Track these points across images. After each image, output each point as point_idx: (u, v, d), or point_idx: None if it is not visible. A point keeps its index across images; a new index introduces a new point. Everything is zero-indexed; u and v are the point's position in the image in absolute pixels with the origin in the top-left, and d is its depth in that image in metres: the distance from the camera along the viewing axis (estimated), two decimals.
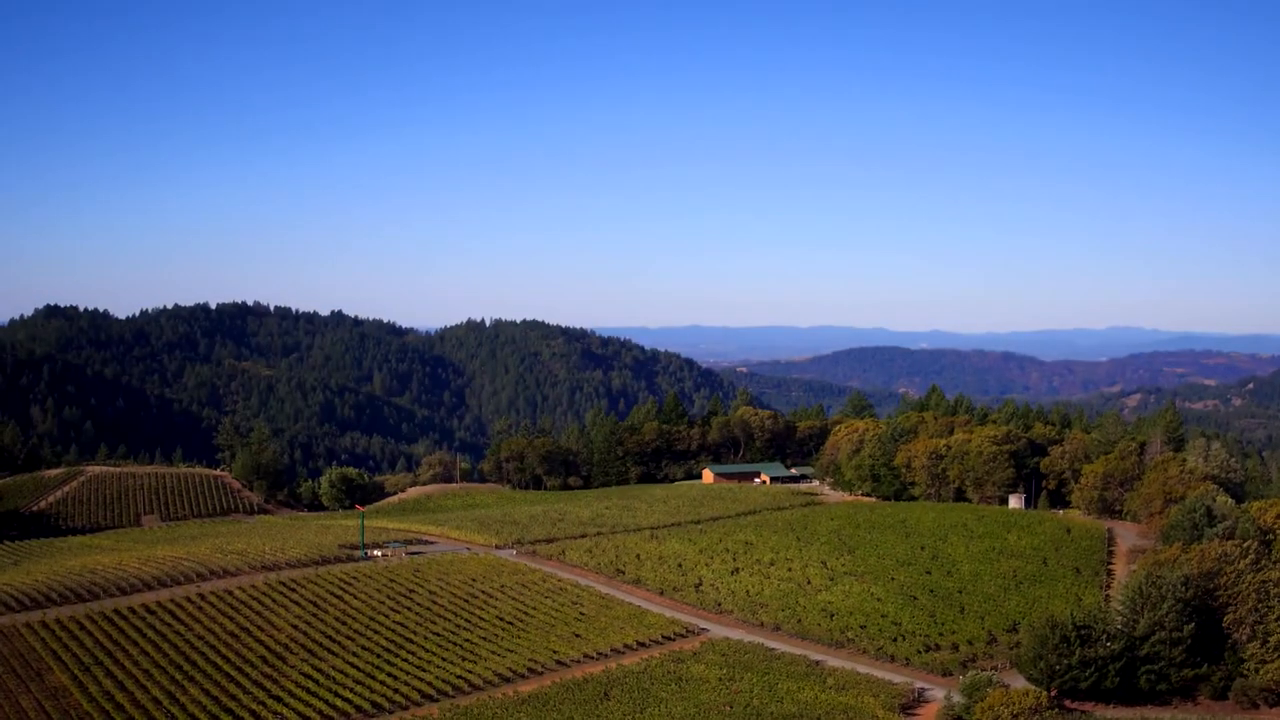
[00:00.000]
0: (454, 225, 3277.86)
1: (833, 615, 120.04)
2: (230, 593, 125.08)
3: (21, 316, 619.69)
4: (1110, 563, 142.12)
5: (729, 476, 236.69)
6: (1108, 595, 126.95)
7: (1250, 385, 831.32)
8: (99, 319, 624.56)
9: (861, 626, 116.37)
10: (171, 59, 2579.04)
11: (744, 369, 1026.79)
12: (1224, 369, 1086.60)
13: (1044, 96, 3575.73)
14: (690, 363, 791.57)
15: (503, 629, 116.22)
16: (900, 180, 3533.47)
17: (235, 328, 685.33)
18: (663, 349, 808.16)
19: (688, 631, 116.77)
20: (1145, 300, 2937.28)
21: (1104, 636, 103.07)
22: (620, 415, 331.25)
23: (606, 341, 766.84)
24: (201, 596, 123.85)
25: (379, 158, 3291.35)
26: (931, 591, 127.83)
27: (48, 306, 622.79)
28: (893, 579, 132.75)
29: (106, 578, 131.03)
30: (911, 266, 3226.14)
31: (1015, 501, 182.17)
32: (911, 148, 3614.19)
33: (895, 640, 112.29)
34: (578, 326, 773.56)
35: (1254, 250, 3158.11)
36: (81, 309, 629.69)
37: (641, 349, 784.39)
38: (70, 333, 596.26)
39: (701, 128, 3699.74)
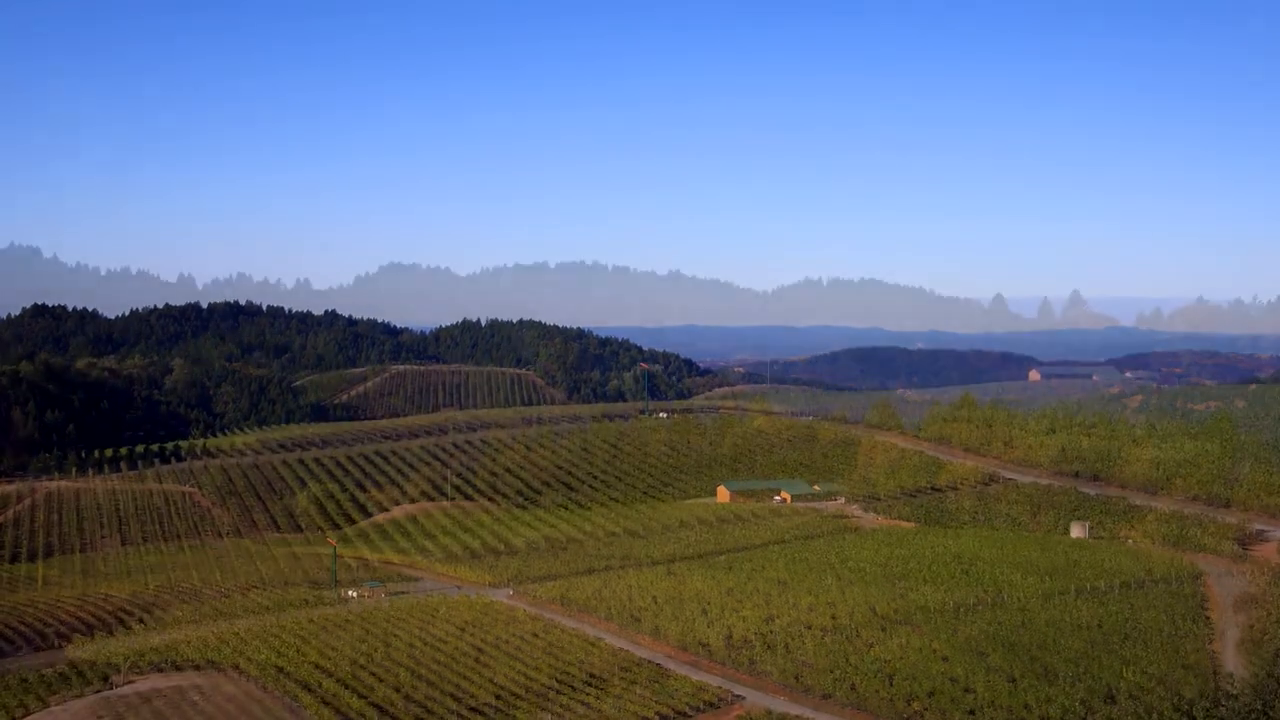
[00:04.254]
0: (444, 223, 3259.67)
1: (891, 679, 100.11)
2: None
3: (9, 315, 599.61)
4: (1205, 608, 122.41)
5: (746, 494, 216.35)
6: (1212, 653, 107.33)
7: (1253, 386, 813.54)
8: (88, 318, 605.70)
9: (929, 694, 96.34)
10: (161, 56, 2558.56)
11: (741, 369, 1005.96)
12: (1224, 369, 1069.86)
13: (1040, 92, 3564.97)
14: (690, 363, 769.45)
15: (495, 696, 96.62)
16: (894, 179, 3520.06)
17: (227, 327, 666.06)
18: (660, 349, 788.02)
19: (720, 700, 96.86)
20: (1141, 299, 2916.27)
21: (1237, 718, 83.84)
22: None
23: (605, 342, 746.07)
24: (140, 655, 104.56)
25: (368, 154, 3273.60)
26: (1005, 647, 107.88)
27: (35, 306, 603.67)
28: (955, 630, 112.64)
29: (22, 631, 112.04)
30: (905, 265, 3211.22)
31: (1078, 530, 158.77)
32: (903, 147, 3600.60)
33: (973, 714, 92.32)
34: (574, 326, 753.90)
35: (1251, 250, 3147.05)
36: (70, 308, 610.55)
37: (640, 350, 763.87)
38: (58, 332, 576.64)
39: (690, 128, 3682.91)
